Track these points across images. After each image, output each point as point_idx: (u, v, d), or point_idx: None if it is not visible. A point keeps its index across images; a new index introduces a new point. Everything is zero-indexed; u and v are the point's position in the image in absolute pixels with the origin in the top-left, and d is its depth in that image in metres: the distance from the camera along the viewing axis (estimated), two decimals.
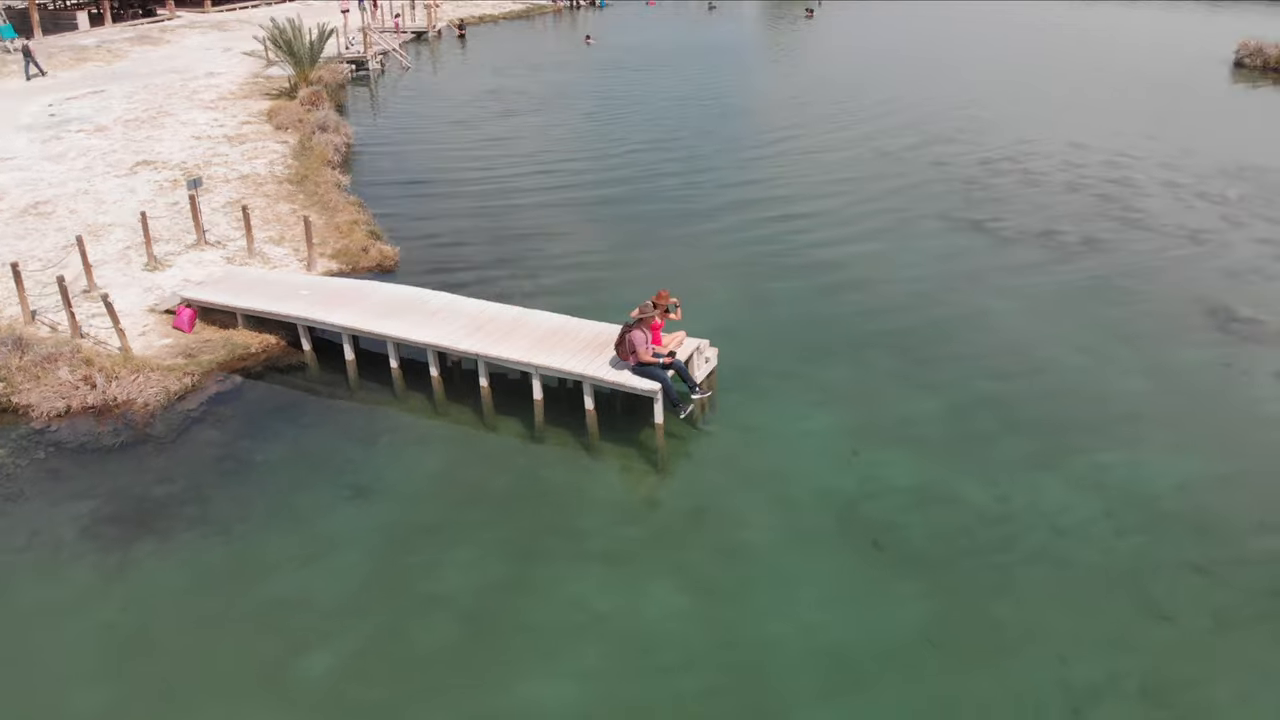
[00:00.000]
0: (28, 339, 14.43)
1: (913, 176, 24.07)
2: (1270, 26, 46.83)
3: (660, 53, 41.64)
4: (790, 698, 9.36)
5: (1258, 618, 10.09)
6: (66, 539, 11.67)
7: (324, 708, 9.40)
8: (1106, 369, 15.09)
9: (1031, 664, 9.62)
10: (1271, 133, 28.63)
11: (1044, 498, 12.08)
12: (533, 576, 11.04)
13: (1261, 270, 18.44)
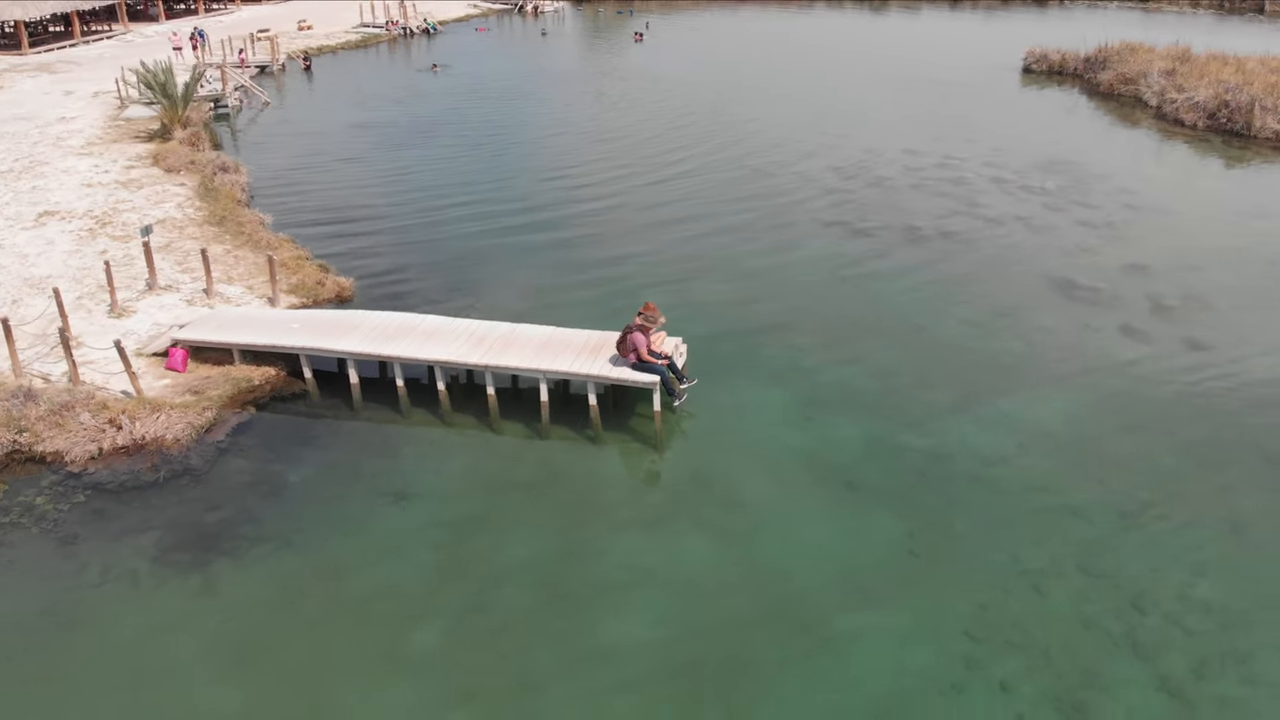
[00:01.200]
0: (34, 390, 15.01)
1: (788, 189, 27.05)
2: (1040, 32, 53.51)
3: (513, 80, 43.24)
4: (820, 608, 11.77)
5: (1148, 507, 13.34)
6: (140, 570, 12.63)
7: (441, 673, 11.04)
8: (987, 335, 18.43)
9: (992, 560, 12.45)
10: (1067, 129, 33.63)
11: (966, 437, 15.08)
12: (581, 545, 13.00)
13: (1087, 248, 22.49)
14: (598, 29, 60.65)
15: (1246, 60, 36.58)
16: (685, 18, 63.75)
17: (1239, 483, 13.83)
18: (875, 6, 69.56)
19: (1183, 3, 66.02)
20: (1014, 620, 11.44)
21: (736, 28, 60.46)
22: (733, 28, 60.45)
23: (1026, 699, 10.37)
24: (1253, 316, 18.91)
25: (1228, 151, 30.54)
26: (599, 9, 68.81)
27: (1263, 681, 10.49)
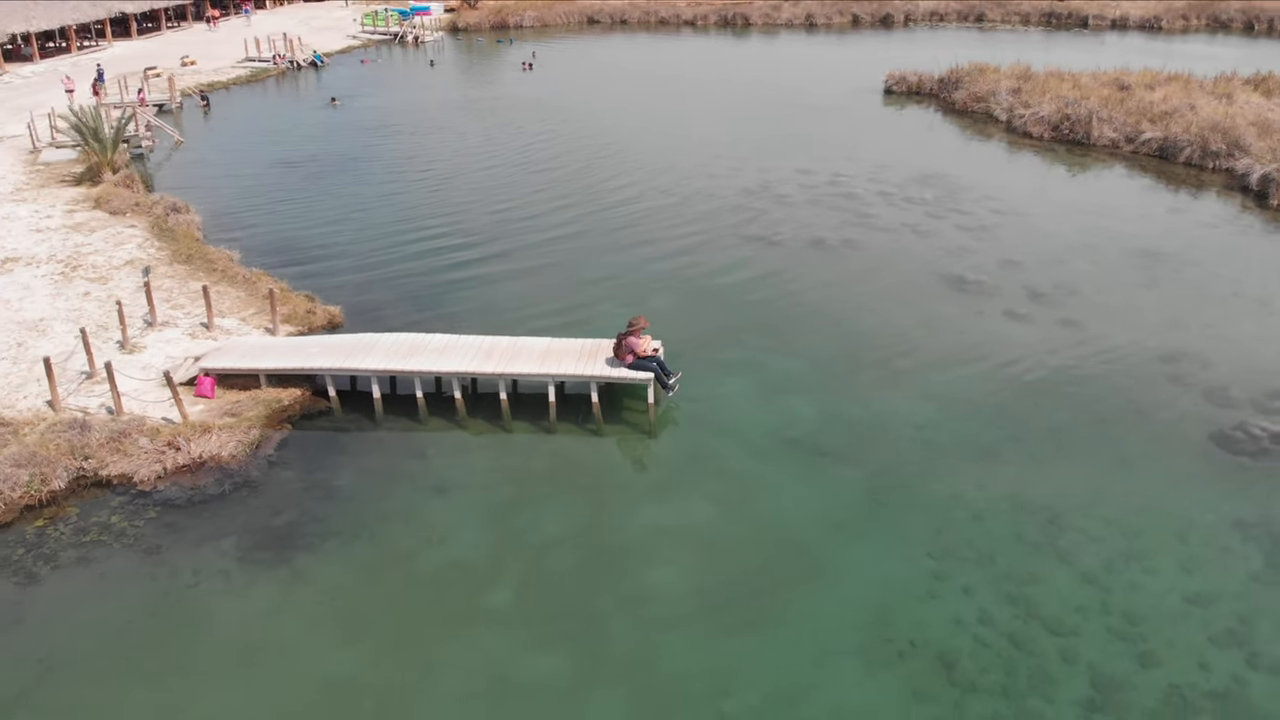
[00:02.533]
0: (88, 421, 16.45)
1: (706, 210, 29.97)
2: (892, 54, 58.75)
3: (420, 113, 44.60)
4: (809, 545, 14.66)
5: (1051, 451, 16.83)
6: (229, 570, 14.42)
7: (518, 623, 13.36)
8: (898, 324, 21.84)
9: (937, 498, 15.62)
10: (932, 145, 37.96)
11: (898, 407, 18.32)
12: (606, 517, 15.52)
13: (967, 248, 26.36)
14: (483, 58, 62.54)
15: (1080, 75, 42.05)
16: (560, 46, 66.36)
17: (1118, 429, 17.51)
18: (738, 31, 73.99)
19: (1015, 21, 73.09)
20: (963, 541, 14.61)
21: (612, 55, 63.56)
22: (609, 55, 63.52)
23: (985, 597, 13.50)
24: (1112, 299, 23.01)
25: (1071, 158, 35.43)
26: (476, 38, 70.70)
27: (1158, 571, 13.93)
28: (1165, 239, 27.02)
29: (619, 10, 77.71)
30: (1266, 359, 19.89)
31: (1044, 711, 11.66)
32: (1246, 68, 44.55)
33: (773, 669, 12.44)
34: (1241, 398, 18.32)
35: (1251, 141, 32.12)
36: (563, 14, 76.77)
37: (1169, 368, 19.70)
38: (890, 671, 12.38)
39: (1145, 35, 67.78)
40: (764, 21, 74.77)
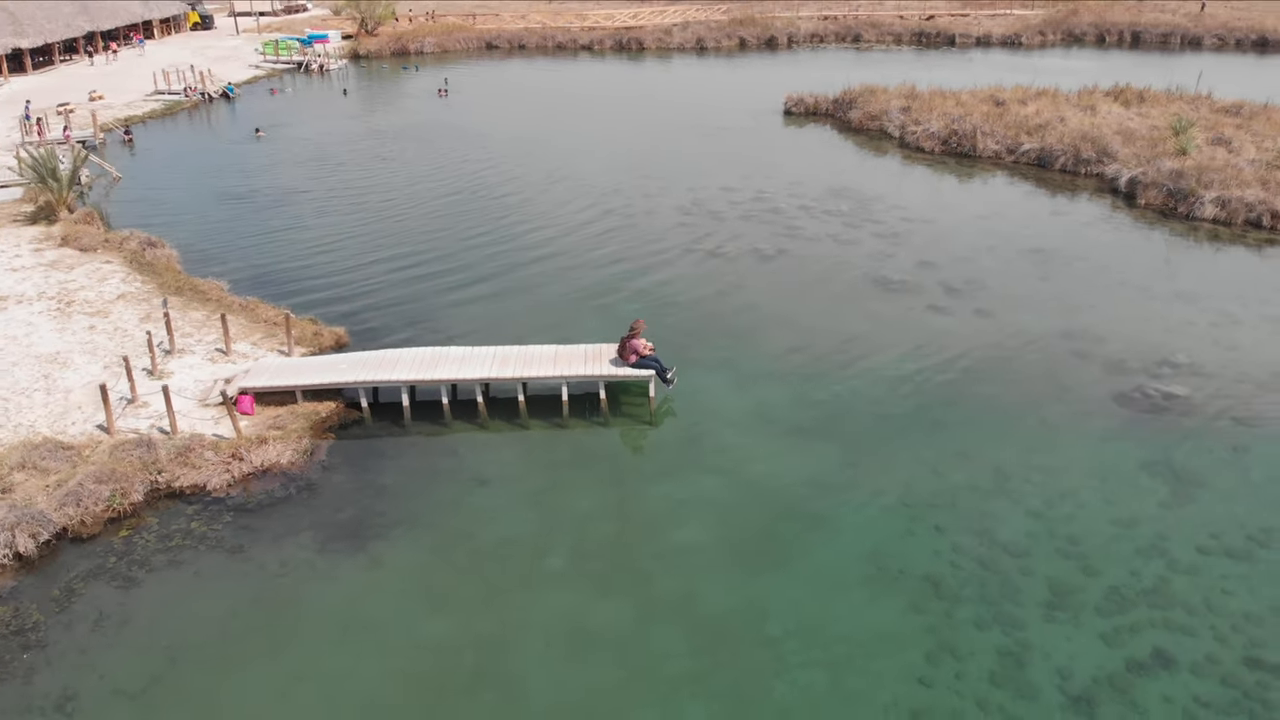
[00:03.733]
0: (152, 439, 18.04)
1: (651, 227, 32.77)
2: (779, 76, 62.98)
3: (352, 143, 45.76)
4: (804, 503, 17.52)
5: (989, 416, 20.19)
6: (313, 560, 16.37)
7: (577, 580, 15.79)
8: (841, 320, 25.06)
9: (901, 459, 18.71)
10: (838, 161, 41.70)
11: (857, 390, 21.45)
12: (629, 493, 18.08)
13: (886, 253, 29.91)
14: (394, 86, 63.82)
15: (960, 93, 46.66)
16: (466, 71, 68.16)
17: (1039, 397, 21.04)
18: (632, 55, 77.35)
19: (888, 41, 78.64)
20: (928, 491, 17.75)
21: (520, 80, 65.89)
22: (517, 80, 65.81)
23: (953, 533, 16.62)
24: (1016, 290, 26.81)
25: (960, 169, 39.69)
26: (381, 65, 71.91)
27: (1087, 504, 17.29)
28: (1052, 237, 31.18)
29: (516, 36, 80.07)
30: (1151, 335, 23.87)
31: (1014, 613, 14.77)
32: (1105, 80, 50.21)
33: (798, 599, 15.23)
34: (1135, 367, 22.16)
35: (1118, 148, 36.91)
36: (461, 40, 78.65)
37: (1072, 345, 23.46)
38: (890, 594, 15.32)
39: (1007, 51, 74.09)
40: (657, 45, 78.30)
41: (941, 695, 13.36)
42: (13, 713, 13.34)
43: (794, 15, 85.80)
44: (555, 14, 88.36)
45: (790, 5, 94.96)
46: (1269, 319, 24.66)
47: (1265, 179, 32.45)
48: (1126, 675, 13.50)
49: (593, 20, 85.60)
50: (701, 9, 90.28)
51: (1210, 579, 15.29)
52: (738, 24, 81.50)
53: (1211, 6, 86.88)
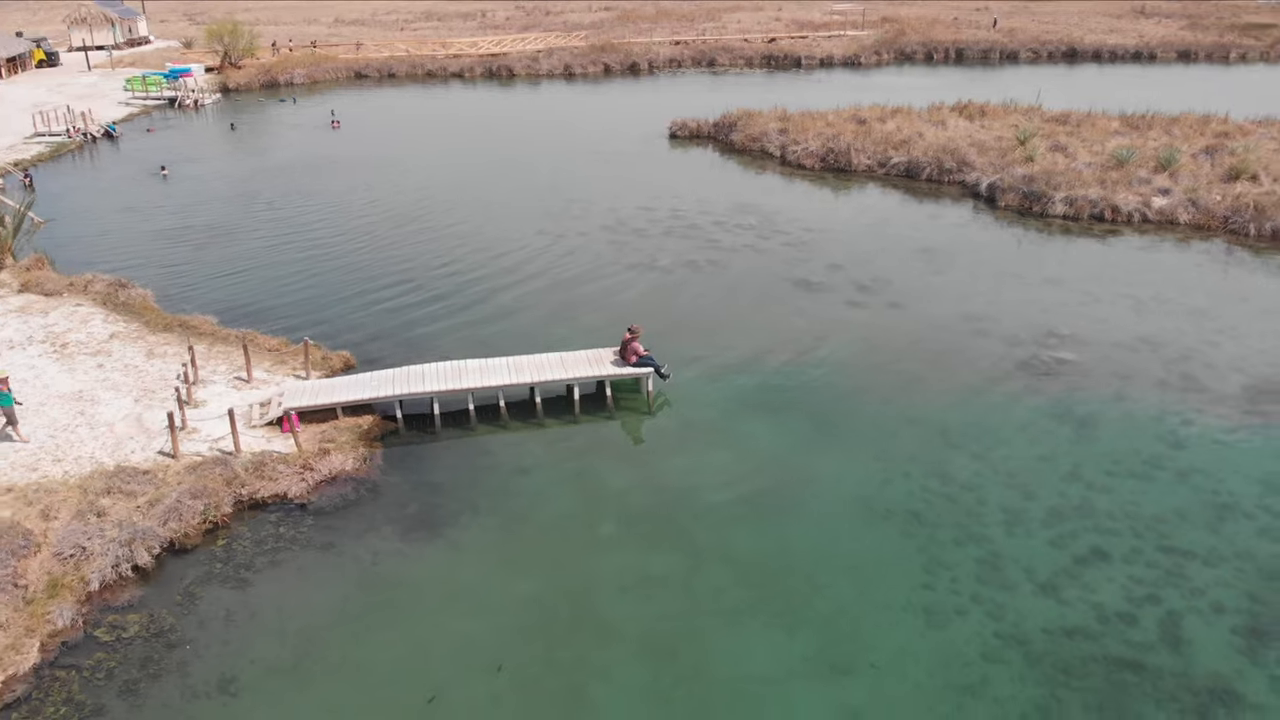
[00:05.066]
0: (227, 457, 20.00)
1: (584, 247, 36.05)
2: (654, 100, 67.43)
3: (276, 177, 46.44)
4: (792, 469, 21.24)
5: (920, 389, 24.48)
6: (399, 548, 18.84)
7: (631, 541, 18.93)
8: (778, 318, 29.03)
9: (862, 428, 22.73)
10: (733, 179, 45.97)
11: (809, 374, 25.41)
12: (651, 470, 21.35)
13: (798, 258, 34.20)
14: (279, 118, 64.22)
15: (826, 113, 52.00)
16: (347, 102, 69.10)
17: (956, 368, 25.54)
18: (503, 81, 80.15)
19: (740, 65, 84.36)
20: (889, 448, 21.80)
21: (405, 109, 67.58)
22: (402, 109, 67.46)
23: (919, 477, 20.65)
24: (915, 284, 31.55)
25: (839, 183, 44.69)
26: (260, 98, 71.89)
27: (1015, 447, 21.70)
28: (934, 238, 36.31)
29: (386, 64, 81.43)
30: (1034, 314, 28.91)
31: (981, 531, 18.87)
32: (941, 95, 56.79)
33: (813, 537, 18.89)
34: (1027, 340, 27.05)
35: (974, 158, 42.72)
36: (330, 70, 79.40)
37: (973, 326, 28.22)
38: (882, 527, 19.18)
39: (849, 71, 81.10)
40: (526, 72, 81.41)
41: (943, 595, 17.26)
42: (181, 701, 15.30)
43: (649, 41, 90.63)
44: (419, 42, 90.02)
45: (641, 30, 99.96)
46: (1123, 295, 30.22)
47: (1102, 179, 38.75)
48: (1075, 567, 17.79)
49: (457, 48, 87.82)
50: (560, 36, 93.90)
51: (1121, 494, 19.89)
52: (599, 50, 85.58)
53: (1021, 20, 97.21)
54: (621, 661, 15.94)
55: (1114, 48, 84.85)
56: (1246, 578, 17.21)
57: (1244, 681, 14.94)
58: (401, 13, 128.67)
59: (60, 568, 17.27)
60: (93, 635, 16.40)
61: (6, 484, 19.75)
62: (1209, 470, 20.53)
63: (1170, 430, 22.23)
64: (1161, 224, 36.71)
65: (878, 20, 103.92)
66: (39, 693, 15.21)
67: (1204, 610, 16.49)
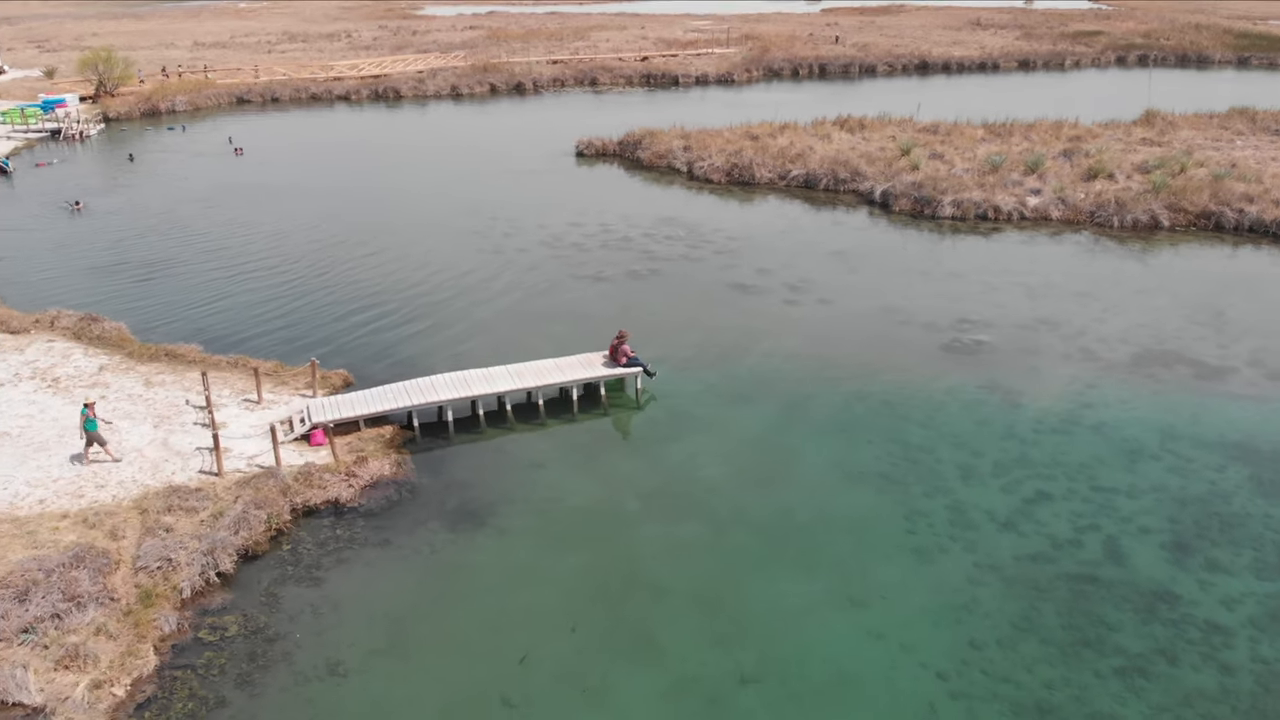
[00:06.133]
0: (276, 470, 21.60)
1: (528, 261, 38.35)
2: (547, 119, 69.99)
3: (205, 207, 46.50)
4: (778, 446, 24.43)
5: (860, 370, 28.09)
6: (451, 538, 20.97)
7: (658, 518, 21.64)
8: (726, 318, 32.26)
9: (827, 408, 26.13)
10: (649, 194, 48.98)
11: (766, 365, 28.69)
12: (655, 457, 24.13)
13: (730, 264, 37.56)
14: (174, 147, 63.22)
15: (723, 130, 55.82)
16: (239, 127, 68.62)
17: (889, 352, 29.31)
18: (390, 103, 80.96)
19: (621, 84, 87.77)
20: (848, 421, 25.26)
21: (301, 133, 67.60)
22: (299, 133, 67.45)
23: (879, 444, 24.13)
24: (837, 283, 35.37)
25: (746, 195, 48.44)
26: (146, 127, 70.43)
27: (954, 412, 25.48)
28: (843, 241, 40.36)
29: (268, 89, 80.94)
30: (944, 303, 33.08)
31: (943, 485, 22.43)
32: (817, 109, 61.57)
33: (806, 500, 22.07)
34: (944, 326, 31.15)
35: (865, 168, 47.22)
36: (212, 96, 78.41)
37: (895, 317, 32.16)
38: (861, 488, 22.54)
39: (723, 88, 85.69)
40: (413, 93, 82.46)
41: (925, 537, 20.70)
42: (295, 686, 17.04)
43: (529, 61, 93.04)
44: (300, 66, 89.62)
45: (515, 50, 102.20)
46: (1016, 284, 34.85)
47: (981, 183, 43.78)
48: (1026, 507, 21.56)
49: (338, 71, 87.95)
50: (440, 57, 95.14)
51: (1049, 447, 23.90)
52: (483, 70, 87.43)
53: (869, 35, 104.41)
54: (677, 612, 18.65)
55: (961, 59, 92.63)
56: (1164, 505, 21.37)
57: (1177, 584, 18.91)
58: (260, 35, 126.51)
59: (148, 579, 18.65)
60: (197, 637, 17.94)
61: (60, 511, 20.80)
62: (1117, 424, 24.83)
63: (1079, 393, 26.53)
64: (1037, 220, 41.98)
65: (740, 38, 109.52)
66: (164, 692, 16.72)
67: (1135, 533, 20.49)
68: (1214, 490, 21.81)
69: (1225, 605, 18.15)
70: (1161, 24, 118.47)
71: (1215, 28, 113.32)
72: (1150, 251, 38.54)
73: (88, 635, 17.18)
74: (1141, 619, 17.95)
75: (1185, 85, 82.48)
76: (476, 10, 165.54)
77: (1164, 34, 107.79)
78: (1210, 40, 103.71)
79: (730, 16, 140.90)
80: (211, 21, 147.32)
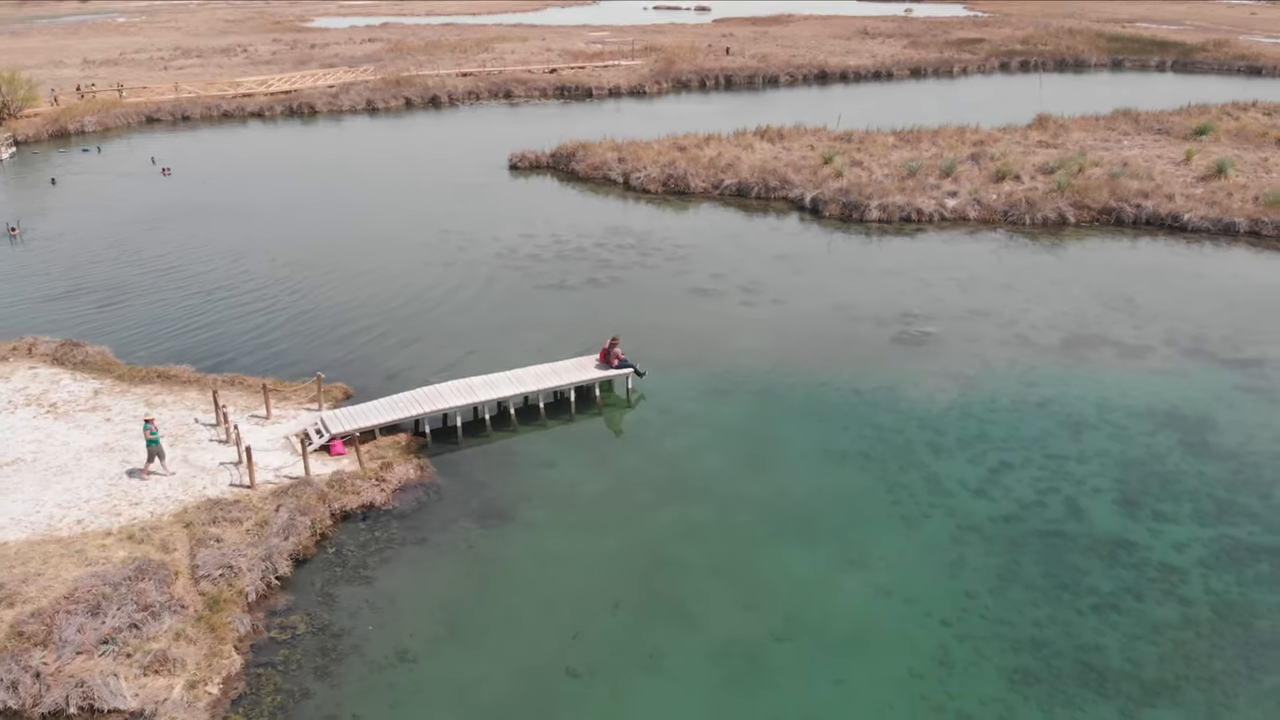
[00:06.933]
0: (312, 479, 22.77)
1: (490, 273, 39.77)
2: (469, 132, 71.16)
3: (142, 229, 46.08)
4: (762, 430, 26.80)
5: (812, 356, 30.70)
6: (484, 533, 22.59)
7: (670, 501, 23.69)
8: (690, 319, 34.52)
9: (797, 395, 28.63)
10: (591, 205, 50.80)
11: (736, 361, 31.04)
12: (655, 449, 26.19)
13: (684, 270, 39.80)
14: (96, 168, 61.84)
15: (652, 142, 58.17)
16: (159, 146, 67.52)
17: (847, 345, 32.03)
18: (305, 119, 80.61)
19: (535, 96, 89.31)
20: (824, 407, 27.79)
21: (223, 150, 66.67)
22: (221, 150, 66.45)
23: (854, 428, 26.71)
24: (785, 283, 38.00)
25: (683, 204, 50.81)
26: (59, 149, 68.45)
27: (908, 393, 28.27)
28: (783, 245, 43.13)
29: (178, 106, 79.61)
30: (888, 299, 36.05)
31: (916, 459, 25.11)
32: (730, 120, 64.60)
33: (796, 480, 24.47)
34: (890, 319, 34.09)
35: (793, 176, 50.18)
36: (121, 115, 76.70)
37: (845, 313, 34.96)
38: (844, 465, 25.07)
39: (635, 99, 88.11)
40: (328, 109, 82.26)
41: (909, 507, 23.30)
42: (370, 674, 18.47)
43: (441, 74, 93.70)
44: (207, 83, 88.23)
45: (421, 63, 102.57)
46: (947, 279, 38.14)
47: (901, 187, 47.20)
48: (992, 475, 24.41)
49: (247, 87, 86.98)
50: (349, 71, 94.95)
51: (1003, 424, 26.88)
52: (396, 84, 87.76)
53: (765, 45, 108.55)
54: (703, 584, 20.74)
55: (856, 69, 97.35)
56: (1109, 468, 24.50)
57: (1131, 534, 21.98)
58: (151, 51, 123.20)
59: (211, 587, 19.72)
60: (270, 637, 19.16)
61: (102, 529, 21.58)
62: (1058, 400, 28.03)
63: (1021, 375, 29.71)
64: (956, 220, 45.60)
65: (643, 49, 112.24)
66: (252, 688, 17.93)
67: (1089, 493, 23.53)
68: (1150, 453, 25.10)
69: (1175, 549, 21.25)
70: (1037, 30, 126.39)
71: (1088, 32, 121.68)
72: (1061, 246, 42.50)
73: (169, 641, 18.22)
74: (1107, 564, 20.87)
75: (1067, 89, 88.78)
76: (370, 22, 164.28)
77: (1041, 39, 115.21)
78: (1085, 44, 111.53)
79: (627, 28, 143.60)
80: (95, 38, 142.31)
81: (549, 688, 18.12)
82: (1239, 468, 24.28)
